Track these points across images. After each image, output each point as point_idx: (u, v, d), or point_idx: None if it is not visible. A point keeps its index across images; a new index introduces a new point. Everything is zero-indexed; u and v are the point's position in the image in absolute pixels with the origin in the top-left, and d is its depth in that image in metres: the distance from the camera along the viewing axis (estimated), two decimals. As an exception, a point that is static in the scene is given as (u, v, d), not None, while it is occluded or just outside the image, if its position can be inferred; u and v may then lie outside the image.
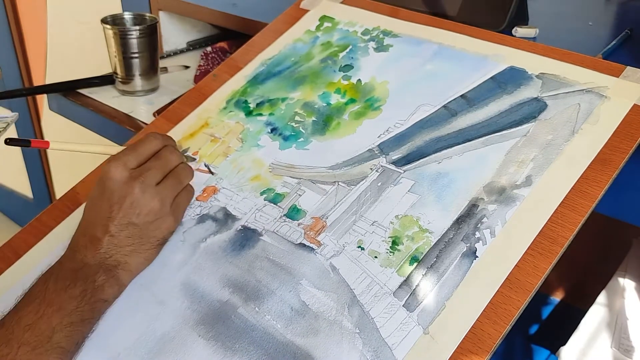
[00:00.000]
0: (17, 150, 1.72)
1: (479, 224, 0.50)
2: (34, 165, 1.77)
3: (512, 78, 0.60)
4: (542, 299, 1.08)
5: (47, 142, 0.57)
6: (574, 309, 0.87)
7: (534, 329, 1.02)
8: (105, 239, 0.53)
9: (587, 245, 0.97)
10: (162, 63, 1.06)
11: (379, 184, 0.56)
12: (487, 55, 0.63)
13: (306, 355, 0.46)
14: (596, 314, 0.76)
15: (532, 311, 1.05)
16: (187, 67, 1.09)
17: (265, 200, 0.58)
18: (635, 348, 0.71)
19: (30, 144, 0.57)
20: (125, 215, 0.53)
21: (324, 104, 0.65)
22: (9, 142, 0.57)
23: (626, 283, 0.78)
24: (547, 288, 1.08)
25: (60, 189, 1.76)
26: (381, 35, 0.70)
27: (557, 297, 1.08)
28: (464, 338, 0.44)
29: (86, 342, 0.50)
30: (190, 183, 0.60)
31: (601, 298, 0.77)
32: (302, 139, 0.63)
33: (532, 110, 0.56)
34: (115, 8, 1.17)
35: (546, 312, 1.06)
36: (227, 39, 1.12)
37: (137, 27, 0.92)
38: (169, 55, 1.13)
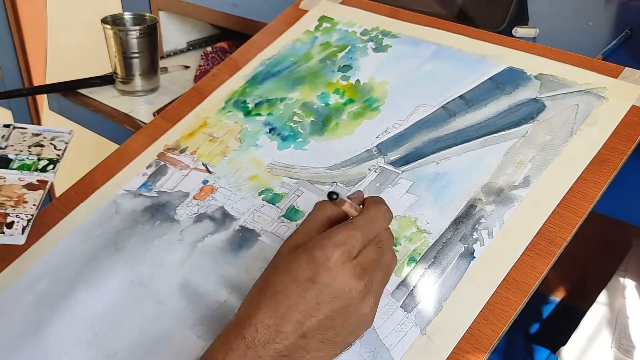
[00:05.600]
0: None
1: (477, 225, 0.50)
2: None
3: (510, 79, 0.60)
4: (542, 299, 1.08)
5: None
6: (574, 309, 0.87)
7: (534, 328, 1.02)
8: (292, 338, 0.40)
9: (587, 245, 0.98)
10: (162, 63, 1.06)
11: (377, 185, 0.56)
12: (486, 56, 0.63)
13: (304, 355, 0.46)
14: (596, 313, 0.76)
15: (532, 311, 1.05)
16: (187, 67, 1.09)
17: (263, 200, 0.58)
18: (636, 348, 0.71)
19: None
20: (334, 326, 0.41)
21: (323, 104, 0.65)
22: None
23: (626, 283, 0.78)
24: (547, 288, 1.08)
25: (60, 189, 1.76)
26: (380, 36, 0.70)
27: (557, 297, 1.07)
28: (461, 339, 0.44)
29: (84, 341, 0.51)
30: (188, 182, 0.60)
31: (601, 297, 0.77)
32: (300, 139, 0.63)
33: (531, 111, 0.56)
34: (115, 8, 1.18)
35: (546, 312, 1.06)
36: (227, 39, 1.12)
37: (137, 27, 0.92)
38: (169, 55, 1.13)
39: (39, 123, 1.69)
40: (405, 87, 0.64)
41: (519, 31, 0.75)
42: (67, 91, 0.98)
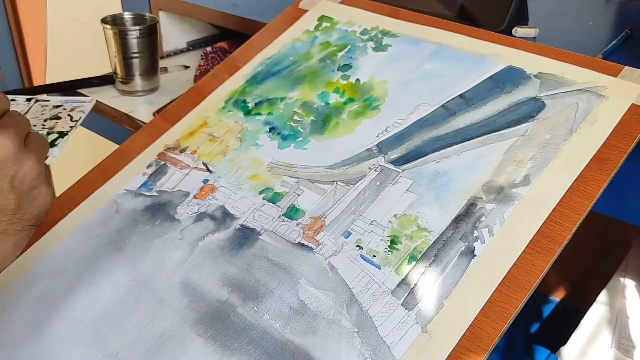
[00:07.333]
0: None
1: (477, 223, 0.50)
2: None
3: (510, 77, 0.60)
4: (543, 299, 1.08)
5: None
6: (574, 309, 0.87)
7: (534, 328, 1.02)
8: None
9: (587, 245, 0.98)
10: (162, 63, 1.06)
11: (378, 183, 0.56)
12: (485, 55, 0.63)
13: (305, 354, 0.46)
14: (596, 313, 0.76)
15: (532, 311, 1.05)
16: (187, 67, 1.09)
17: (263, 199, 0.58)
18: (636, 348, 0.71)
19: None
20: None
21: (323, 104, 0.65)
22: None
23: (626, 283, 0.78)
24: (547, 288, 1.08)
25: (60, 189, 1.76)
26: (380, 35, 0.70)
27: (557, 297, 1.08)
28: (462, 336, 0.44)
29: (85, 340, 0.51)
30: (188, 181, 0.60)
31: (601, 297, 0.77)
32: (300, 139, 0.63)
33: (531, 110, 0.56)
34: (115, 8, 1.18)
35: (546, 311, 1.06)
36: (227, 39, 1.12)
37: (137, 27, 0.92)
38: (169, 55, 1.13)
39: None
40: (405, 86, 0.64)
41: (519, 31, 0.75)
42: (67, 91, 0.98)
